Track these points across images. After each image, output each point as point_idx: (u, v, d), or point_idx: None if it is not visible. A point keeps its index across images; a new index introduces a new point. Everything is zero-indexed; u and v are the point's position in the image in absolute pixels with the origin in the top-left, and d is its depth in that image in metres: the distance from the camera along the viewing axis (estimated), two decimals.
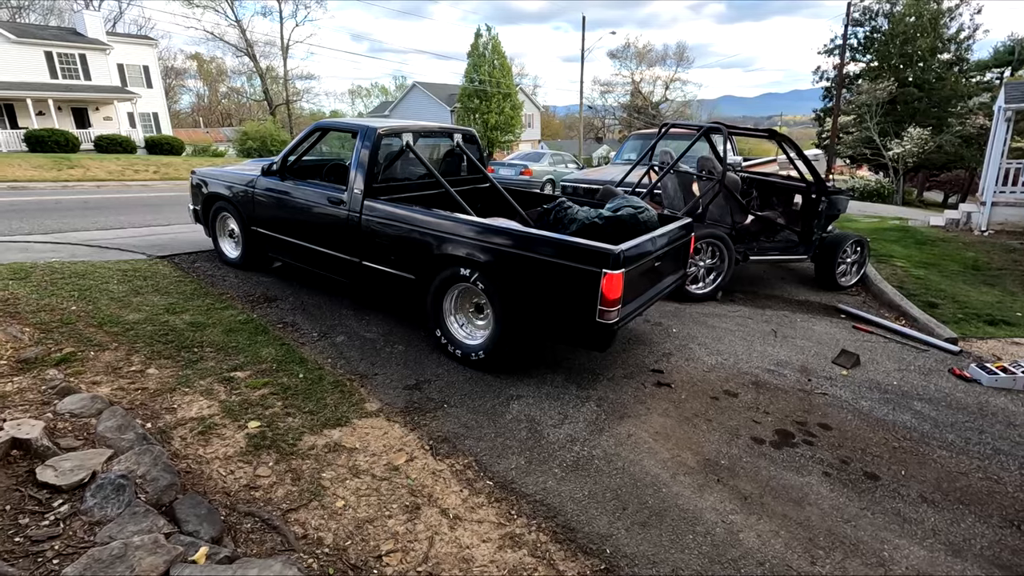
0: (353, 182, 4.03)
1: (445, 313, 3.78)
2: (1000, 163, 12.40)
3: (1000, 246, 10.56)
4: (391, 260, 3.89)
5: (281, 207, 4.51)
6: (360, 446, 2.84)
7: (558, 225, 3.99)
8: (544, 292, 3.30)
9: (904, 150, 24.75)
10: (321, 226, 4.25)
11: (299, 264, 4.61)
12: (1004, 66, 30.43)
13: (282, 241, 4.58)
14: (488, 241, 3.43)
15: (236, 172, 4.96)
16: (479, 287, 3.53)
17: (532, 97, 48.43)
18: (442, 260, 3.63)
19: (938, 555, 2.40)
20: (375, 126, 4.07)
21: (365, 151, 4.01)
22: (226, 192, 4.92)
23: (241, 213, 4.84)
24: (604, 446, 3.01)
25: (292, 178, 4.49)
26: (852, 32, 28.65)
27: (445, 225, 3.63)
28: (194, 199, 5.40)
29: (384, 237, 3.89)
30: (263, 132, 30.13)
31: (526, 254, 3.29)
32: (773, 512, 2.59)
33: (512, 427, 3.13)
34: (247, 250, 4.99)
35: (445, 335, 3.79)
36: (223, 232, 5.28)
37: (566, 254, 3.18)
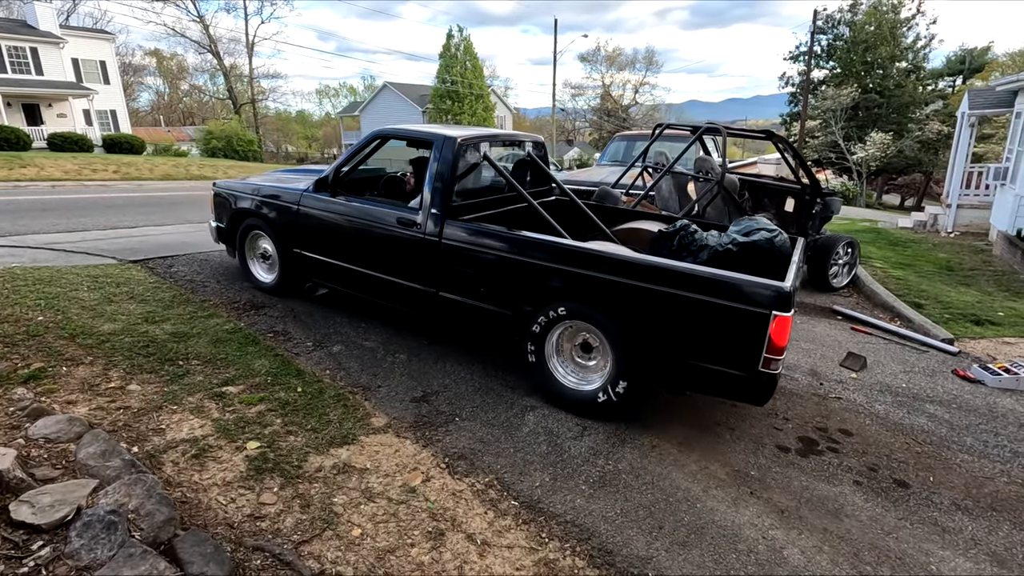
0: (429, 200, 3.46)
1: (547, 356, 3.26)
2: (964, 167, 12.84)
3: (968, 247, 10.91)
4: (479, 292, 3.36)
5: (333, 228, 3.90)
6: (371, 466, 2.62)
7: (682, 252, 3.41)
8: (691, 335, 2.80)
9: (867, 154, 25.57)
10: (386, 250, 3.68)
11: (353, 292, 4.03)
12: (956, 75, 31.85)
13: (332, 266, 3.98)
14: (621, 275, 2.88)
15: (273, 186, 4.28)
16: (599, 328, 3.02)
17: (504, 99, 48.37)
18: (551, 294, 3.11)
19: (984, 567, 2.33)
20: (452, 134, 3.55)
21: (444, 164, 3.46)
22: (261, 209, 4.27)
23: (280, 233, 4.20)
24: (629, 459, 2.86)
25: (344, 193, 3.93)
26: (816, 40, 29.50)
27: (560, 254, 3.07)
28: (217, 215, 4.69)
29: (471, 265, 3.35)
30: (228, 131, 29.21)
31: (674, 292, 2.76)
32: (813, 526, 2.49)
33: (531, 441, 2.95)
34: (285, 274, 4.32)
35: (547, 381, 3.27)
36: (253, 253, 4.59)
37: (726, 292, 2.66)
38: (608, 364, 3.08)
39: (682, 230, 3.52)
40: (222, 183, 4.69)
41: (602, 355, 3.15)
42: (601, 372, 3.15)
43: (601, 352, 3.15)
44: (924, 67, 30.97)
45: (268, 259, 4.49)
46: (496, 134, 4.03)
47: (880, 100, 29.28)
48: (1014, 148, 10.70)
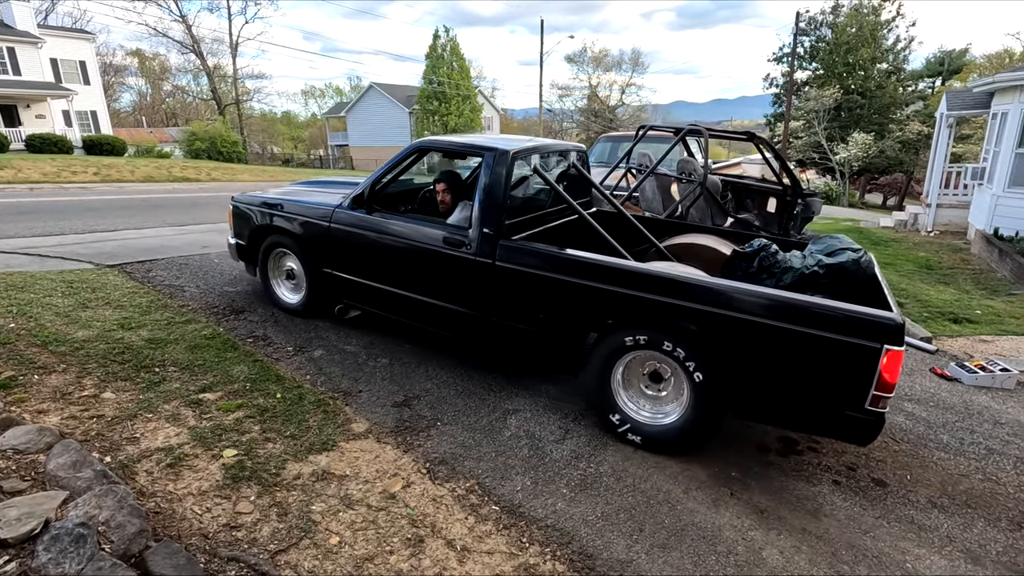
0: (479, 218, 3.20)
1: (614, 388, 3.02)
2: (943, 167, 13.05)
3: (947, 246, 11.10)
4: (537, 319, 3.12)
5: (369, 246, 3.63)
6: (351, 472, 2.60)
7: (762, 275, 3.16)
8: (788, 369, 2.60)
9: (850, 154, 25.91)
10: (430, 272, 3.42)
11: (391, 315, 3.77)
12: (936, 76, 32.38)
13: (368, 288, 3.72)
14: (710, 304, 2.64)
15: (300, 202, 3.98)
16: (677, 360, 2.78)
17: (491, 100, 48.35)
18: (622, 322, 2.88)
19: (958, 563, 2.36)
20: (504, 147, 3.27)
21: (496, 179, 3.18)
22: (287, 225, 3.95)
23: (309, 251, 3.92)
24: (611, 461, 2.86)
25: (380, 210, 3.66)
26: (799, 41, 29.85)
27: (635, 280, 2.81)
28: (237, 231, 4.35)
29: (530, 289, 3.10)
30: (212, 132, 28.88)
31: (773, 323, 2.53)
32: (792, 526, 2.50)
33: (512, 445, 2.94)
34: (313, 295, 4.05)
35: (617, 414, 3.01)
36: (277, 272, 4.29)
37: (832, 324, 2.44)
38: (685, 397, 2.85)
39: (762, 250, 3.23)
40: (242, 197, 4.34)
41: (675, 387, 2.92)
42: (675, 404, 2.92)
43: (675, 384, 2.92)
44: (904, 68, 31.45)
45: (293, 278, 4.20)
46: (544, 144, 3.72)
47: (862, 101, 29.69)
48: (991, 148, 10.90)
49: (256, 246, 4.24)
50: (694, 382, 2.76)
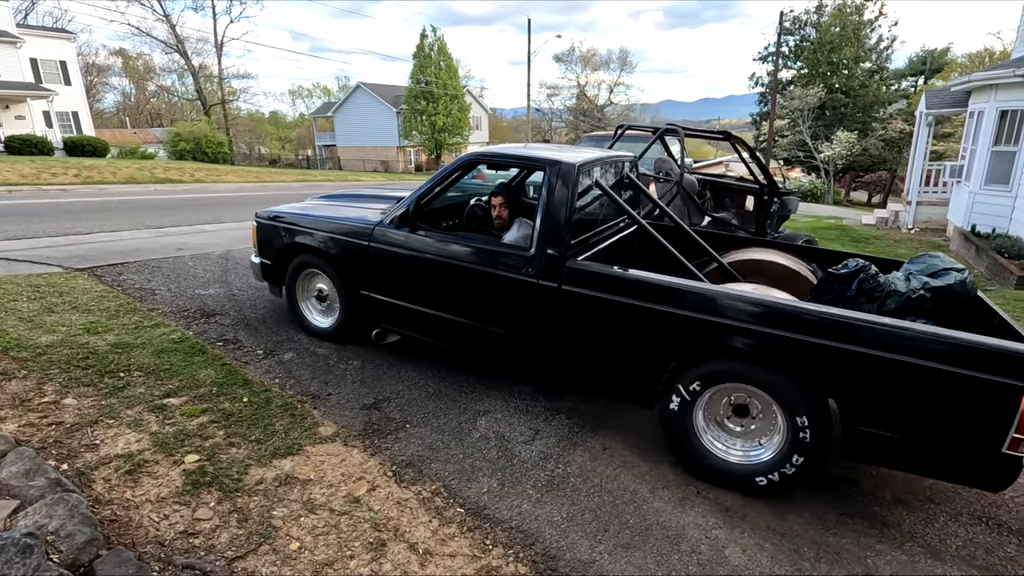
0: (543, 237, 2.94)
1: (697, 424, 2.75)
2: (923, 165, 13.21)
3: (927, 243, 11.24)
4: (608, 346, 2.87)
5: (415, 268, 3.37)
6: (315, 477, 2.57)
7: (861, 298, 2.89)
8: (906, 408, 2.33)
9: (834, 152, 26.17)
10: (484, 296, 3.18)
11: (436, 341, 3.53)
12: (918, 75, 32.78)
13: (411, 312, 3.47)
14: (816, 335, 2.38)
15: (335, 218, 3.69)
16: (774, 394, 2.53)
17: (479, 99, 48.28)
18: (709, 351, 2.63)
19: (918, 559, 2.38)
20: (569, 159, 3.01)
21: (561, 194, 2.93)
22: (320, 244, 3.66)
23: (345, 272, 3.64)
24: (579, 462, 2.86)
25: (424, 228, 3.42)
26: (784, 41, 30.09)
27: (727, 305, 2.54)
28: (262, 250, 4.03)
29: (601, 315, 2.84)
30: (197, 133, 28.59)
31: (891, 357, 2.27)
32: (756, 524, 2.51)
33: (481, 446, 2.93)
34: (348, 319, 3.77)
35: (696, 454, 2.76)
36: (306, 294, 4.00)
37: (963, 358, 2.19)
38: (781, 435, 2.60)
39: (861, 272, 2.94)
40: (266, 212, 4.02)
41: (765, 422, 2.68)
42: (764, 440, 2.68)
43: (764, 419, 2.67)
44: (887, 67, 31.82)
45: (324, 300, 3.92)
46: (604, 155, 3.47)
47: (846, 100, 29.99)
48: (968, 147, 11.04)
49: (283, 266, 3.94)
50: (794, 420, 2.49)
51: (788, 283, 3.34)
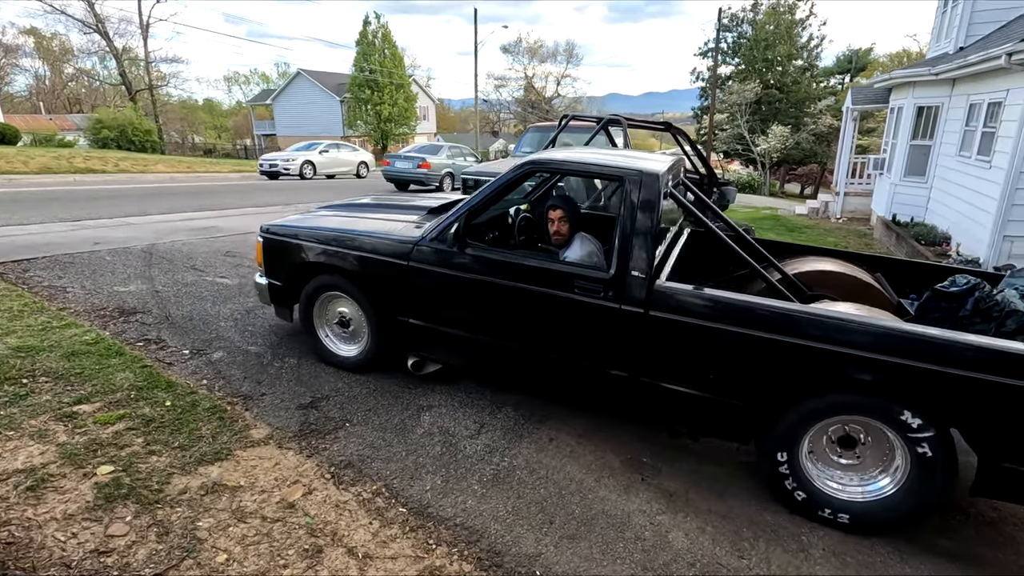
0: (626, 256, 2.60)
1: (802, 457, 2.50)
2: (850, 158, 13.96)
3: (854, 231, 11.89)
4: (706, 379, 2.56)
5: (466, 291, 2.97)
6: (246, 483, 2.42)
7: (976, 319, 2.61)
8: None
9: (769, 146, 27.34)
10: (555, 323, 2.82)
11: (491, 372, 3.23)
12: (845, 73, 34.64)
13: (459, 339, 3.10)
14: (955, 366, 2.12)
15: (363, 233, 3.23)
16: (898, 429, 2.29)
17: (426, 89, 47.46)
18: (825, 384, 2.36)
19: (849, 533, 2.47)
20: (651, 167, 2.67)
21: (648, 208, 2.58)
22: (345, 263, 3.22)
23: (378, 295, 3.21)
24: (525, 454, 2.82)
25: (475, 244, 3.00)
26: (722, 37, 31.09)
27: (856, 333, 2.25)
28: (270, 269, 3.55)
29: (698, 343, 2.53)
30: (122, 120, 26.74)
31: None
32: (699, 508, 2.55)
33: (425, 442, 2.84)
34: (381, 347, 3.35)
35: (802, 487, 2.50)
36: (325, 319, 3.53)
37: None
38: (902, 469, 2.36)
39: (976, 289, 2.65)
40: (275, 226, 3.52)
41: (876, 455, 2.45)
42: (880, 471, 2.45)
43: (875, 452, 2.45)
44: (817, 65, 33.43)
45: (347, 326, 3.46)
46: (678, 160, 3.18)
47: (780, 95, 31.33)
48: (890, 141, 11.73)
49: (297, 287, 3.49)
50: (918, 453, 2.27)
51: (861, 297, 3.07)
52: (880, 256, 3.64)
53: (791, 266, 3.36)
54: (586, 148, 3.32)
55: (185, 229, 6.93)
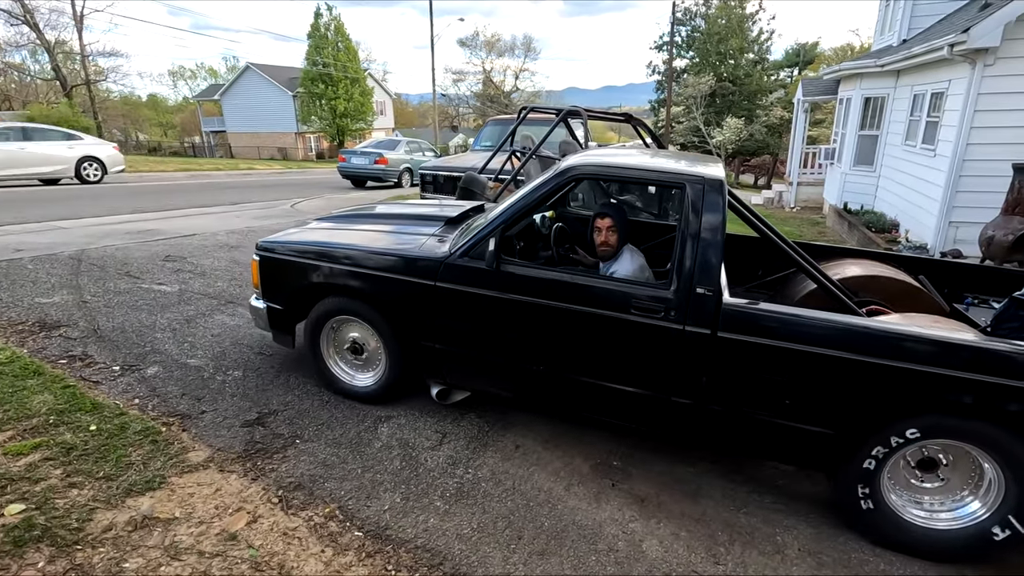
0: (688, 273, 2.35)
1: (884, 487, 2.30)
2: (801, 149, 14.31)
3: (807, 220, 12.19)
4: (783, 405, 2.32)
5: (504, 312, 2.67)
6: (181, 514, 2.18)
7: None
8: None
9: (724, 138, 27.88)
10: (609, 346, 2.54)
11: (534, 399, 2.88)
12: (794, 66, 35.67)
13: (495, 366, 2.81)
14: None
15: (380, 250, 2.90)
16: (996, 452, 2.12)
17: (383, 83, 46.51)
18: (922, 406, 2.15)
19: (822, 528, 2.42)
20: (712, 173, 2.45)
21: (713, 219, 2.35)
22: (360, 283, 2.88)
23: (400, 319, 2.89)
24: (490, 464, 2.67)
25: (512, 260, 2.70)
26: (677, 31, 31.52)
27: (955, 354, 2.06)
28: (268, 291, 3.19)
29: (774, 367, 2.29)
30: (56, 118, 25.10)
31: None
32: (671, 512, 2.46)
33: (382, 457, 2.66)
34: (401, 375, 3.02)
35: (881, 512, 2.31)
36: (335, 346, 3.19)
37: None
38: (995, 489, 2.18)
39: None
40: (274, 243, 3.15)
41: (961, 475, 2.27)
42: (973, 495, 2.25)
43: (960, 471, 2.27)
44: (767, 59, 34.28)
45: (360, 353, 3.13)
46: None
47: (733, 88, 32.00)
48: (839, 131, 12.05)
49: (301, 310, 3.15)
50: (1015, 472, 2.11)
51: (911, 303, 2.93)
52: (912, 257, 3.47)
53: (830, 270, 3.14)
54: (630, 151, 3.03)
55: (120, 232, 6.46)
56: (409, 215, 3.61)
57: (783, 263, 2.89)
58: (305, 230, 3.35)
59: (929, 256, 3.96)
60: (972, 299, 3.18)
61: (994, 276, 3.32)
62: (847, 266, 3.23)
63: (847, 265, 3.25)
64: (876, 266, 3.23)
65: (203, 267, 5.08)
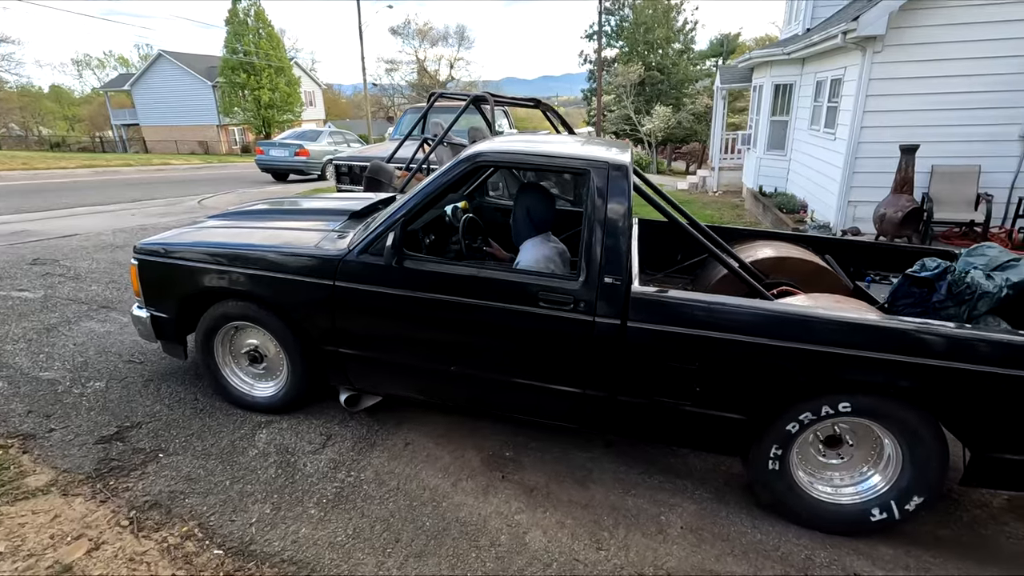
0: (595, 261, 2.28)
1: (792, 466, 2.33)
2: (722, 135, 14.83)
3: (728, 203, 12.64)
4: (693, 392, 2.29)
5: (410, 311, 2.51)
6: (7, 548, 1.94)
7: (949, 302, 2.52)
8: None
9: (654, 126, 28.60)
10: (517, 342, 2.45)
11: (447, 402, 2.83)
12: (717, 56, 36.99)
13: (405, 368, 2.67)
14: (975, 361, 2.02)
15: (272, 248, 2.67)
16: (900, 431, 2.17)
17: (311, 73, 44.69)
18: (826, 387, 2.17)
19: (705, 504, 2.45)
20: (616, 158, 2.36)
21: (618, 204, 2.29)
22: (255, 286, 2.65)
23: (299, 323, 2.68)
24: (376, 465, 2.54)
25: (415, 256, 2.52)
26: (606, 20, 31.97)
27: (864, 333, 2.08)
28: (152, 297, 2.89)
29: (683, 356, 2.24)
30: None
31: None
32: (559, 500, 2.41)
33: (256, 466, 2.47)
34: (306, 384, 2.82)
35: (796, 499, 2.35)
36: (231, 354, 2.94)
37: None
38: (894, 472, 2.26)
39: (947, 272, 2.55)
40: (155, 244, 2.85)
41: (868, 455, 2.34)
42: (873, 476, 2.32)
43: (866, 452, 2.34)
44: (693, 48, 35.37)
45: (260, 361, 2.90)
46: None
47: (661, 77, 32.82)
48: (754, 117, 12.54)
49: (191, 318, 2.87)
50: (918, 457, 2.18)
51: (817, 282, 3.00)
52: (821, 237, 3.60)
53: (745, 253, 3.21)
54: (539, 137, 2.93)
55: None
56: (311, 210, 3.37)
57: (701, 248, 2.91)
58: (194, 229, 3.06)
59: (832, 235, 4.10)
60: (873, 276, 3.31)
61: (892, 253, 3.46)
62: (760, 248, 3.29)
63: (760, 247, 3.31)
64: (786, 247, 3.29)
65: (77, 270, 4.64)
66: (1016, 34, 6.29)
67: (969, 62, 6.53)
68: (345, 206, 3.27)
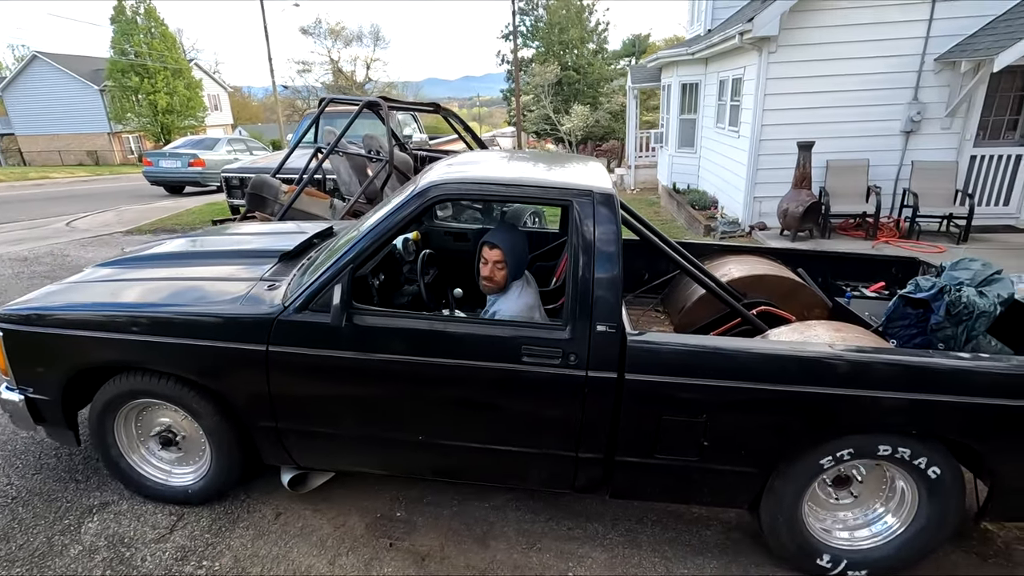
0: (586, 307, 1.93)
1: (806, 516, 2.08)
2: (636, 134, 15.11)
3: (645, 200, 12.87)
4: (700, 447, 1.98)
5: (364, 376, 2.07)
6: None
7: (946, 323, 2.34)
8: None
9: (573, 125, 28.97)
10: (500, 404, 2.08)
11: (414, 470, 2.37)
12: (630, 56, 38.09)
13: (361, 439, 2.20)
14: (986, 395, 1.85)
15: (182, 308, 2.14)
16: (916, 475, 1.98)
17: (214, 76, 41.90)
18: (843, 430, 1.92)
19: (616, 550, 2.24)
20: (600, 187, 2.02)
21: (607, 238, 1.94)
22: (161, 357, 2.13)
23: (223, 398, 2.17)
24: (236, 547, 2.14)
25: (364, 309, 2.06)
26: (521, 20, 32.06)
27: (891, 374, 1.86)
28: (24, 376, 2.28)
29: (693, 410, 1.94)
30: None
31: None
32: (455, 566, 2.12)
33: (77, 567, 2.00)
34: (238, 467, 2.31)
35: (827, 553, 2.08)
36: (138, 438, 2.39)
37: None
38: (910, 504, 2.07)
39: (944, 292, 2.37)
40: (25, 309, 2.24)
41: (873, 490, 2.15)
42: (891, 511, 2.13)
43: (872, 487, 2.14)
44: (606, 48, 36.24)
45: (174, 444, 2.37)
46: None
47: (577, 76, 33.36)
48: (665, 116, 12.81)
49: (81, 397, 2.32)
50: (930, 481, 1.98)
51: (794, 299, 2.83)
52: (787, 249, 3.46)
53: (715, 271, 2.96)
54: (496, 158, 2.56)
55: None
56: (227, 251, 2.76)
57: (667, 265, 2.63)
58: (77, 284, 2.48)
59: (789, 248, 3.98)
60: (851, 291, 3.16)
61: (857, 262, 3.35)
62: (730, 265, 3.10)
63: (730, 264, 3.12)
64: (759, 263, 3.12)
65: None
66: (896, 35, 6.66)
67: (856, 61, 6.84)
68: (272, 244, 2.73)
